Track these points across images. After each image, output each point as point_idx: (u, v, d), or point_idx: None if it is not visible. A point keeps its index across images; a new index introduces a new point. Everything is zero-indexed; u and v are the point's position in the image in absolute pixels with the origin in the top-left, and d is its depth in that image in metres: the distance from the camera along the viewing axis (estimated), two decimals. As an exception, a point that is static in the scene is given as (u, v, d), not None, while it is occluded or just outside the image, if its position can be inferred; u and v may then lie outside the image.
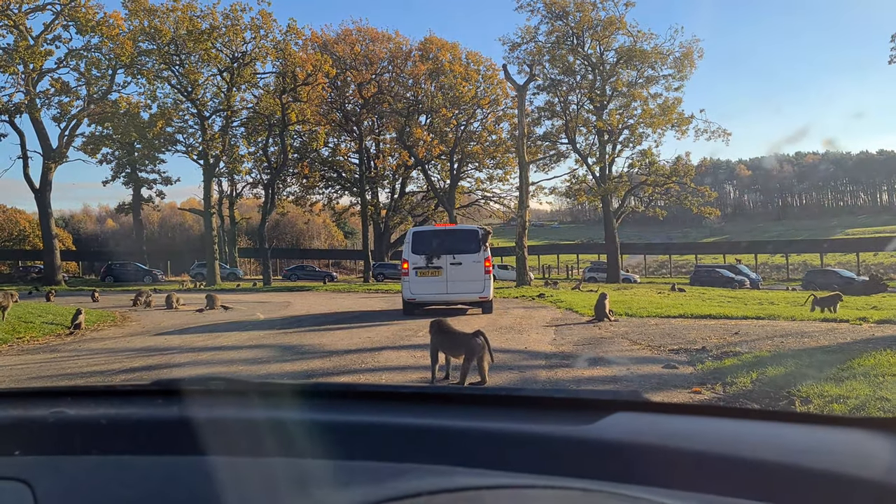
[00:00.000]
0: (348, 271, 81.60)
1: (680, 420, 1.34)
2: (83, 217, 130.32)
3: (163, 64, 44.33)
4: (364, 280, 51.42)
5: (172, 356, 9.99)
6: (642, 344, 10.43)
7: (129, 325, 16.41)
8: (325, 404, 1.44)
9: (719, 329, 12.03)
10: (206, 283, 45.31)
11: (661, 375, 7.71)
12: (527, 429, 1.22)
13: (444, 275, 15.83)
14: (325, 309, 20.73)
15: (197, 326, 15.27)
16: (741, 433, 1.25)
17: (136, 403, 1.47)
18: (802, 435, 1.23)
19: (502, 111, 56.41)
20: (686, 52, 49.91)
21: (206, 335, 13.04)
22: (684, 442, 1.16)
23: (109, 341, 12.73)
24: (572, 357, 9.15)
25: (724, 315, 14.75)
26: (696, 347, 9.74)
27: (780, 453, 1.10)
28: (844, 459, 1.09)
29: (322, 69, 45.14)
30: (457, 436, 1.23)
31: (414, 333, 12.20)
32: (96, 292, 27.16)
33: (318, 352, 10.02)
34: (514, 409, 1.36)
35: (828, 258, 68.51)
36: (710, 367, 8.09)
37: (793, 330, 11.59)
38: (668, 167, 49.41)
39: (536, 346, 10.43)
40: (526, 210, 34.92)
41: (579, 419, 1.25)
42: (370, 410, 1.38)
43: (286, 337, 12.25)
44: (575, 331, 12.66)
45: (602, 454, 1.15)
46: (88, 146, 48.38)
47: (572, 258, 79.12)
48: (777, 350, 9.19)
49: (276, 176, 48.00)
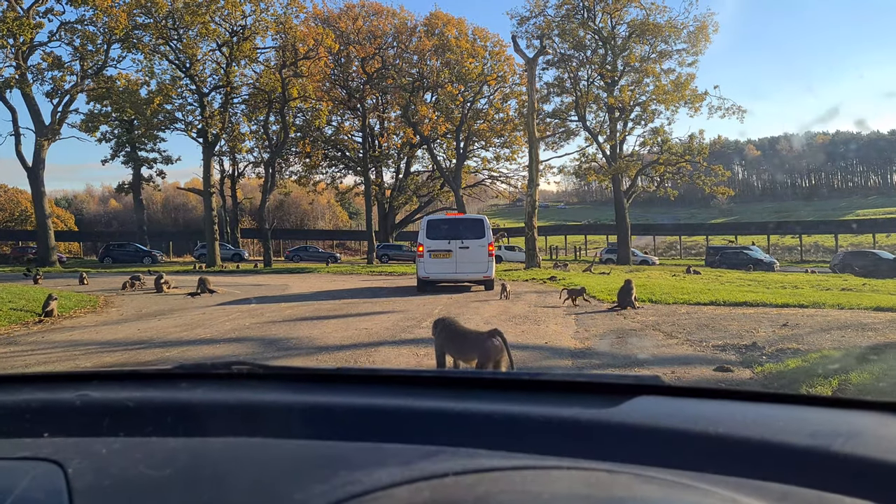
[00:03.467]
0: (352, 252, 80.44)
1: (704, 404, 1.33)
2: (86, 197, 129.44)
3: (160, 38, 42.74)
4: (368, 262, 50.09)
5: (137, 353, 8.65)
6: (679, 338, 9.06)
7: (108, 312, 15.11)
8: (348, 388, 1.45)
9: (763, 319, 10.66)
10: (207, 264, 44.04)
11: (715, 381, 6.36)
12: (550, 412, 1.22)
13: (454, 257, 18.28)
14: (323, 294, 19.42)
15: (178, 314, 13.97)
16: (766, 416, 1.23)
17: (160, 387, 1.49)
18: (831, 419, 1.21)
19: (509, 88, 54.74)
20: (701, 26, 48.25)
21: (183, 325, 11.68)
22: (708, 425, 1.15)
23: (78, 331, 11.41)
24: (602, 355, 7.79)
25: (761, 302, 13.35)
26: (745, 343, 8.37)
27: (805, 437, 1.09)
28: (874, 443, 1.07)
29: (324, 43, 43.56)
30: (480, 419, 1.24)
31: (417, 324, 10.84)
32: (84, 275, 25.88)
33: (305, 348, 8.68)
34: (537, 393, 1.37)
35: (841, 240, 66.85)
36: (772, 370, 6.72)
37: (848, 321, 10.21)
38: (680, 145, 47.85)
39: (558, 340, 9.06)
40: (536, 189, 33.41)
41: (603, 403, 1.25)
42: (393, 394, 1.39)
43: (273, 328, 10.89)
44: (598, 321, 11.29)
45: (626, 437, 1.15)
46: (87, 124, 46.99)
47: (580, 239, 77.70)
48: (842, 346, 7.83)
49: (276, 154, 46.60)
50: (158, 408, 1.36)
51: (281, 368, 1.65)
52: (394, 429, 1.24)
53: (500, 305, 14.41)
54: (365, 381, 1.54)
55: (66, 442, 1.25)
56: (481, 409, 1.26)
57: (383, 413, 1.30)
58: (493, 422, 1.22)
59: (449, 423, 1.24)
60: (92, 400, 1.39)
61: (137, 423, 1.30)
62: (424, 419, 1.26)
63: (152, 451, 1.18)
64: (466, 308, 13.84)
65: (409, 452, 1.11)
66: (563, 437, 1.17)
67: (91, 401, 1.39)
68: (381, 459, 1.08)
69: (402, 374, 1.66)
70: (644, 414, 1.22)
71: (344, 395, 1.39)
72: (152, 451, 1.19)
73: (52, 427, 1.31)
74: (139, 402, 1.37)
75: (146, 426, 1.29)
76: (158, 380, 1.57)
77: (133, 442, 1.24)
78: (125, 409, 1.35)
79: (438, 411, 1.28)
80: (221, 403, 1.35)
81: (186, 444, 1.23)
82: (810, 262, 60.45)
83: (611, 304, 14.77)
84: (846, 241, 68.80)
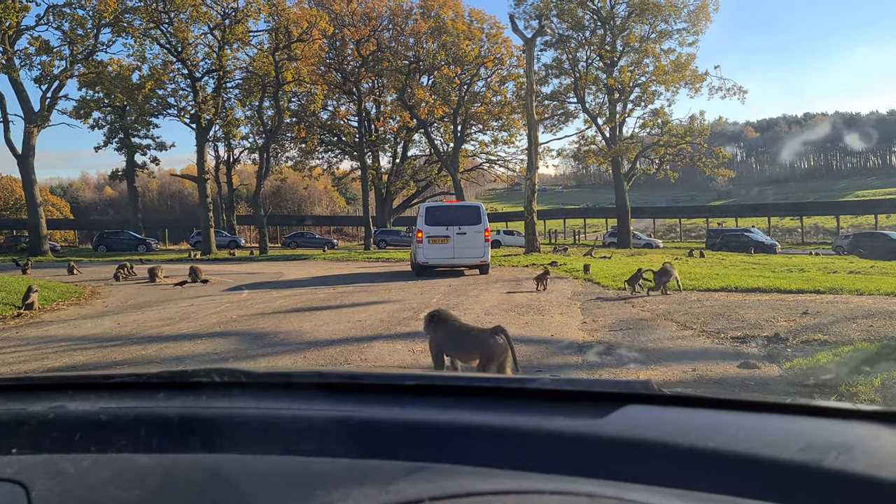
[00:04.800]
0: (350, 238, 79.90)
1: (695, 414, 1.29)
2: (81, 185, 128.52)
3: (150, 22, 41.86)
4: (365, 247, 49.44)
5: (111, 350, 8.02)
6: (694, 329, 8.45)
7: (93, 303, 14.51)
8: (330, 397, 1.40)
9: (780, 307, 10.06)
10: (202, 252, 43.41)
11: (741, 380, 5.77)
12: (535, 424, 1.18)
13: (452, 242, 18.93)
14: (318, 282, 18.83)
15: (164, 305, 13.36)
16: (758, 428, 1.18)
17: (137, 397, 1.43)
18: (825, 430, 1.17)
19: (507, 71, 53.93)
20: (701, 5, 47.46)
21: (167, 318, 11.05)
22: (698, 438, 1.10)
23: (56, 326, 10.80)
24: (613, 350, 7.19)
25: (775, 288, 12.75)
26: (766, 334, 7.77)
27: (797, 451, 1.05)
28: (867, 458, 1.03)
29: (318, 25, 42.69)
30: (466, 432, 1.19)
31: (414, 315, 10.22)
32: (73, 264, 25.27)
33: (294, 343, 8.07)
34: (524, 403, 1.32)
35: (841, 221, 66.22)
36: (801, 365, 6.13)
37: (872, 308, 9.62)
38: (681, 127, 47.11)
39: (564, 332, 8.46)
40: (535, 172, 32.78)
41: (590, 413, 1.22)
42: (377, 404, 1.35)
43: (261, 321, 10.26)
44: (605, 310, 10.69)
45: (612, 451, 1.11)
46: (79, 111, 46.09)
47: (579, 223, 77.08)
48: (874, 337, 7.24)
49: (271, 139, 45.83)
50: (133, 420, 1.28)
51: (263, 375, 1.57)
52: (376, 443, 1.19)
53: (501, 294, 13.81)
54: (347, 389, 1.47)
55: (34, 460, 1.17)
56: (467, 421, 1.21)
57: (365, 425, 1.23)
58: (478, 435, 1.18)
59: (434, 436, 1.19)
60: (66, 412, 1.31)
61: (110, 438, 1.22)
62: (409, 432, 1.21)
63: (123, 469, 1.12)
64: (465, 296, 13.24)
65: (391, 470, 1.06)
66: (547, 451, 1.12)
67: (64, 413, 1.31)
68: (361, 478, 1.04)
69: (386, 382, 1.59)
70: (632, 426, 1.19)
71: (326, 405, 1.33)
72: (123, 468, 1.12)
73: (22, 442, 1.22)
74: (113, 415, 1.29)
75: (119, 441, 1.22)
76: (136, 389, 1.50)
77: (103, 459, 1.16)
78: (98, 422, 1.27)
79: (423, 424, 1.23)
80: (199, 416, 1.28)
81: (160, 461, 1.15)
82: (811, 243, 59.88)
83: (616, 289, 14.21)
84: (846, 223, 68.24)
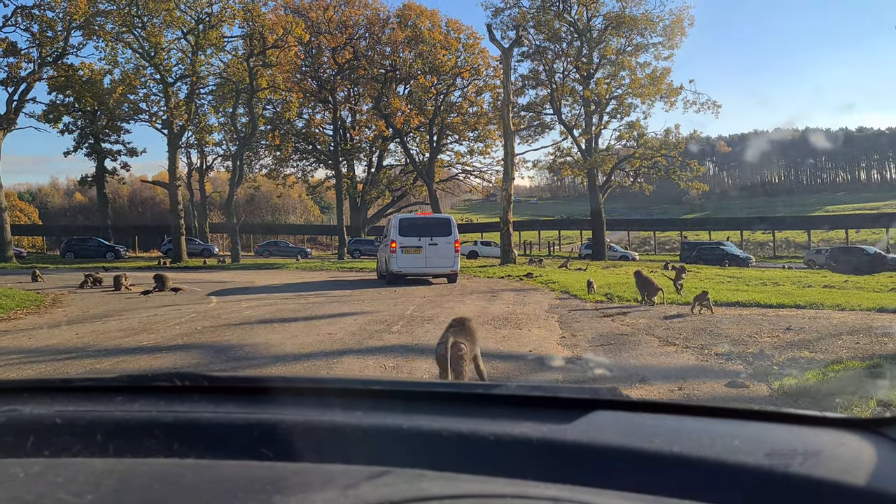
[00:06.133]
0: (324, 247, 79.07)
1: (662, 419, 1.28)
2: (51, 191, 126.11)
3: (123, 26, 41.17)
4: (339, 257, 48.89)
5: (64, 364, 7.56)
6: (677, 345, 8.18)
7: (53, 312, 13.94)
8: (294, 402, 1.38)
9: (762, 322, 9.83)
10: (172, 259, 42.61)
11: (731, 399, 5.49)
12: (501, 429, 1.18)
13: (424, 252, 19.63)
14: (289, 291, 18.37)
15: (127, 315, 12.84)
16: (725, 434, 1.17)
17: (95, 400, 1.41)
18: (790, 436, 1.18)
19: (483, 82, 53.92)
20: (676, 20, 47.65)
21: (128, 329, 10.54)
22: (664, 444, 1.11)
23: (10, 336, 10.25)
24: (595, 367, 6.89)
25: (755, 302, 12.56)
26: (751, 351, 7.51)
27: (762, 456, 1.06)
28: (832, 464, 1.05)
29: (294, 32, 42.26)
30: (430, 436, 1.19)
31: (387, 328, 9.86)
32: (37, 271, 24.51)
33: (259, 358, 7.65)
34: (491, 408, 1.31)
35: (808, 235, 66.96)
36: (791, 384, 5.86)
37: (856, 324, 9.41)
38: (657, 140, 47.25)
39: (544, 347, 8.14)
40: (511, 183, 32.58)
41: (557, 418, 1.22)
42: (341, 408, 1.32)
43: (227, 333, 9.81)
44: (584, 323, 10.40)
45: (578, 457, 1.12)
46: (49, 115, 45.08)
47: (553, 234, 77.07)
48: (862, 356, 7.01)
49: (244, 146, 45.19)
50: (89, 424, 1.25)
51: (226, 379, 1.55)
52: (339, 448, 1.18)
53: (478, 305, 13.50)
54: (313, 393, 1.44)
55: None
56: (432, 425, 1.20)
57: (329, 430, 1.22)
58: (443, 440, 1.17)
59: (398, 441, 1.18)
60: (20, 416, 1.29)
61: (64, 442, 1.20)
62: (372, 437, 1.20)
63: (75, 474, 1.07)
64: (440, 308, 12.89)
65: (353, 474, 1.04)
66: (512, 456, 1.12)
67: (18, 417, 1.29)
68: (322, 483, 1.01)
69: (351, 387, 1.55)
70: (598, 431, 1.18)
71: (289, 409, 1.31)
72: (75, 473, 1.07)
73: None
74: (69, 419, 1.27)
75: (73, 445, 1.20)
76: (93, 392, 1.46)
77: (56, 463, 1.12)
78: (53, 426, 1.25)
79: (387, 428, 1.22)
80: (157, 420, 1.26)
81: (114, 465, 1.12)
82: (783, 257, 60.43)
83: (593, 302, 13.96)
84: (817, 238, 69.01)
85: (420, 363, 7.13)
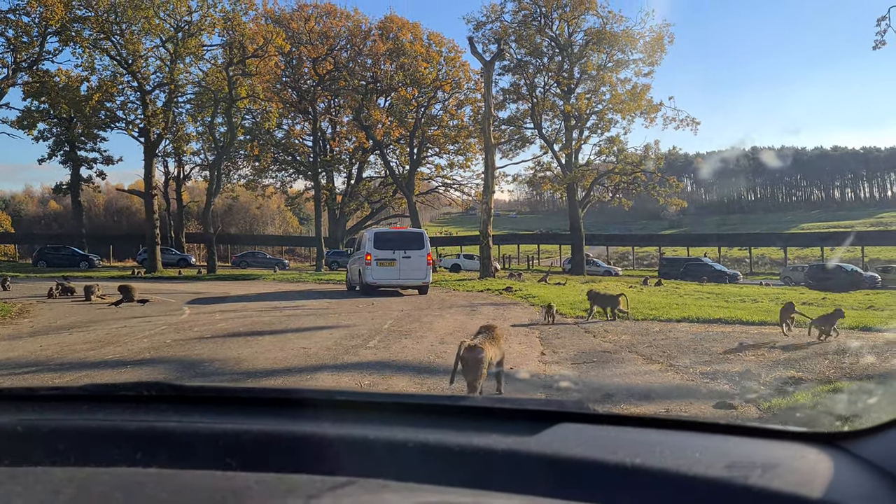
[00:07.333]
0: (302, 258, 78.43)
1: (625, 432, 1.30)
2: (25, 198, 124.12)
3: (101, 33, 40.64)
4: (316, 268, 48.46)
5: (22, 378, 7.21)
6: (661, 363, 7.98)
7: (18, 323, 13.49)
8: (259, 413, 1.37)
9: (746, 340, 9.68)
10: (147, 269, 41.94)
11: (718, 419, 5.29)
12: (466, 441, 1.19)
13: (398, 265, 20.41)
14: (265, 303, 18.00)
15: (95, 327, 12.44)
16: (686, 446, 1.20)
17: (59, 409, 1.40)
18: (750, 449, 1.20)
19: (464, 95, 53.98)
20: (657, 37, 47.98)
21: (94, 341, 10.16)
22: (626, 455, 1.12)
23: (-30, 348, 9.87)
24: (579, 386, 6.68)
25: (737, 319, 12.44)
26: (737, 370, 7.33)
27: (722, 469, 1.08)
28: (790, 476, 1.08)
29: (274, 42, 41.97)
30: (395, 447, 1.19)
31: (363, 343, 9.58)
32: (7, 279, 23.94)
33: (230, 373, 7.36)
34: (455, 419, 1.32)
35: (785, 252, 67.40)
36: (781, 405, 5.68)
37: (840, 342, 9.29)
38: (637, 155, 47.44)
39: (523, 364, 7.90)
40: (491, 196, 32.42)
41: (523, 430, 1.23)
42: (307, 419, 1.32)
43: (198, 346, 9.48)
44: (566, 339, 10.18)
45: (542, 468, 1.13)
46: (23, 121, 44.28)
47: (532, 248, 77.09)
48: (850, 375, 6.86)
49: (222, 155, 44.69)
50: (51, 433, 1.25)
51: (191, 389, 1.53)
52: (303, 457, 1.18)
53: (457, 319, 13.26)
54: (279, 404, 1.44)
55: None
56: (398, 436, 1.20)
57: (294, 440, 1.22)
58: (408, 450, 1.17)
59: (362, 451, 1.19)
60: None
61: (25, 451, 1.20)
62: (336, 447, 1.20)
63: (34, 484, 1.07)
64: (419, 322, 12.63)
65: (315, 484, 1.04)
66: (476, 467, 1.13)
67: None
68: (284, 493, 1.01)
69: (317, 397, 1.52)
70: (562, 443, 1.19)
71: (255, 419, 1.31)
72: (34, 483, 1.08)
73: None
74: (31, 427, 1.26)
75: (34, 454, 1.19)
76: (58, 402, 1.45)
77: (15, 473, 1.12)
78: (14, 434, 1.24)
79: (352, 439, 1.21)
80: (120, 429, 1.25)
81: (74, 474, 1.11)
82: (759, 273, 60.83)
83: (573, 318, 13.78)
84: (792, 255, 69.58)
85: (397, 380, 6.88)
